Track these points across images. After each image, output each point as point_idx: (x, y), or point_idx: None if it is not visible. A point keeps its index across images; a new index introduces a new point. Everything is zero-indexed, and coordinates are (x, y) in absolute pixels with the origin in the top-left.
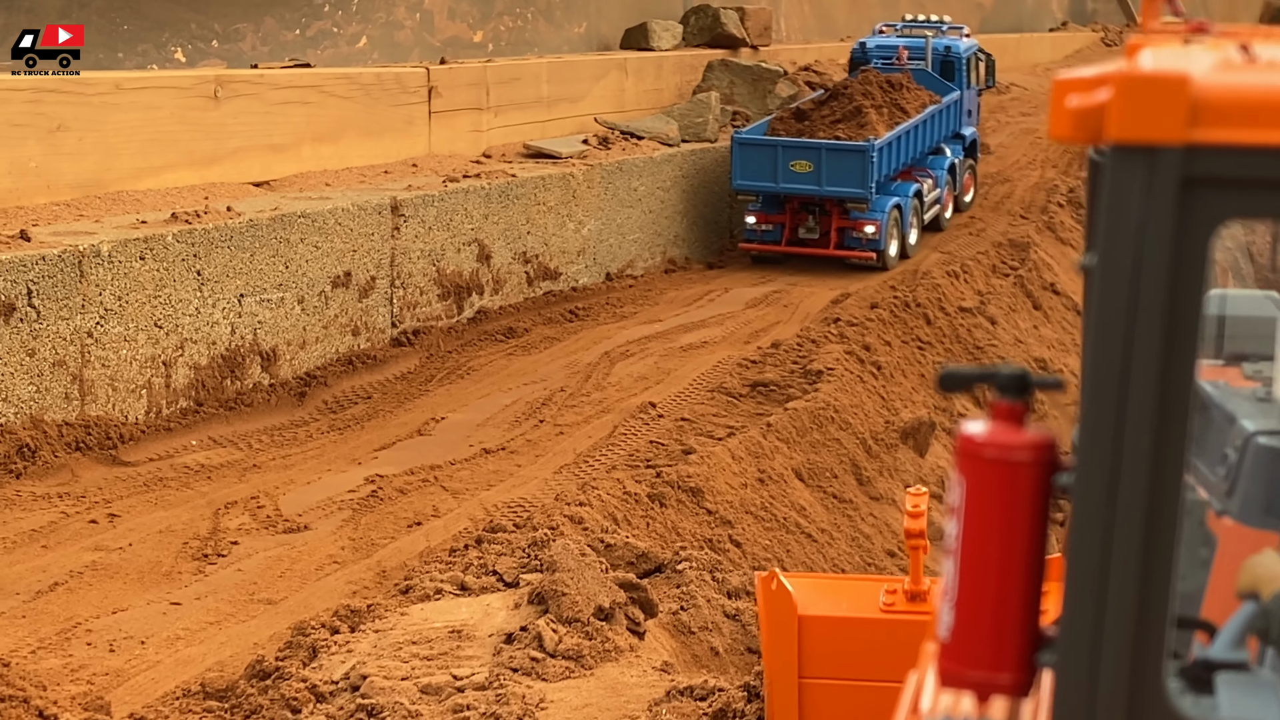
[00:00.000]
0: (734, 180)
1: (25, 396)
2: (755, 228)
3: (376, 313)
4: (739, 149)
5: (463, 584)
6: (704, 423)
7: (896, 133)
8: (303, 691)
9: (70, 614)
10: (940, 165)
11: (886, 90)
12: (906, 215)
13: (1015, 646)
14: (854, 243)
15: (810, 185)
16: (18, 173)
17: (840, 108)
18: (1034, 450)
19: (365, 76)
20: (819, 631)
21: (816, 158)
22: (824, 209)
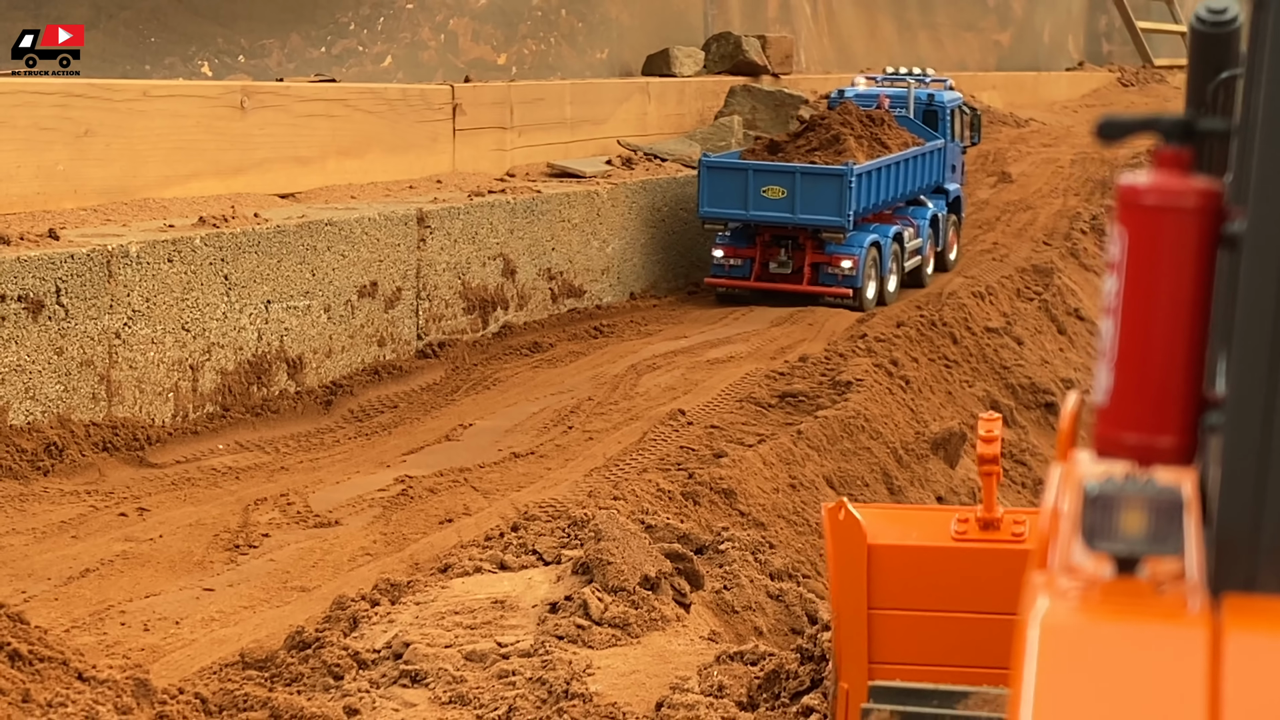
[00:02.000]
0: (700, 207)
1: (53, 395)
2: (723, 261)
3: (402, 324)
4: (706, 173)
5: (502, 563)
6: (734, 430)
7: (877, 163)
8: (344, 658)
9: (103, 597)
10: (922, 215)
11: (866, 124)
12: (886, 257)
13: (1179, 408)
14: (829, 279)
15: (783, 213)
16: (45, 176)
17: (817, 137)
18: (1201, 198)
19: (390, 92)
20: (889, 561)
21: (790, 183)
22: (797, 242)
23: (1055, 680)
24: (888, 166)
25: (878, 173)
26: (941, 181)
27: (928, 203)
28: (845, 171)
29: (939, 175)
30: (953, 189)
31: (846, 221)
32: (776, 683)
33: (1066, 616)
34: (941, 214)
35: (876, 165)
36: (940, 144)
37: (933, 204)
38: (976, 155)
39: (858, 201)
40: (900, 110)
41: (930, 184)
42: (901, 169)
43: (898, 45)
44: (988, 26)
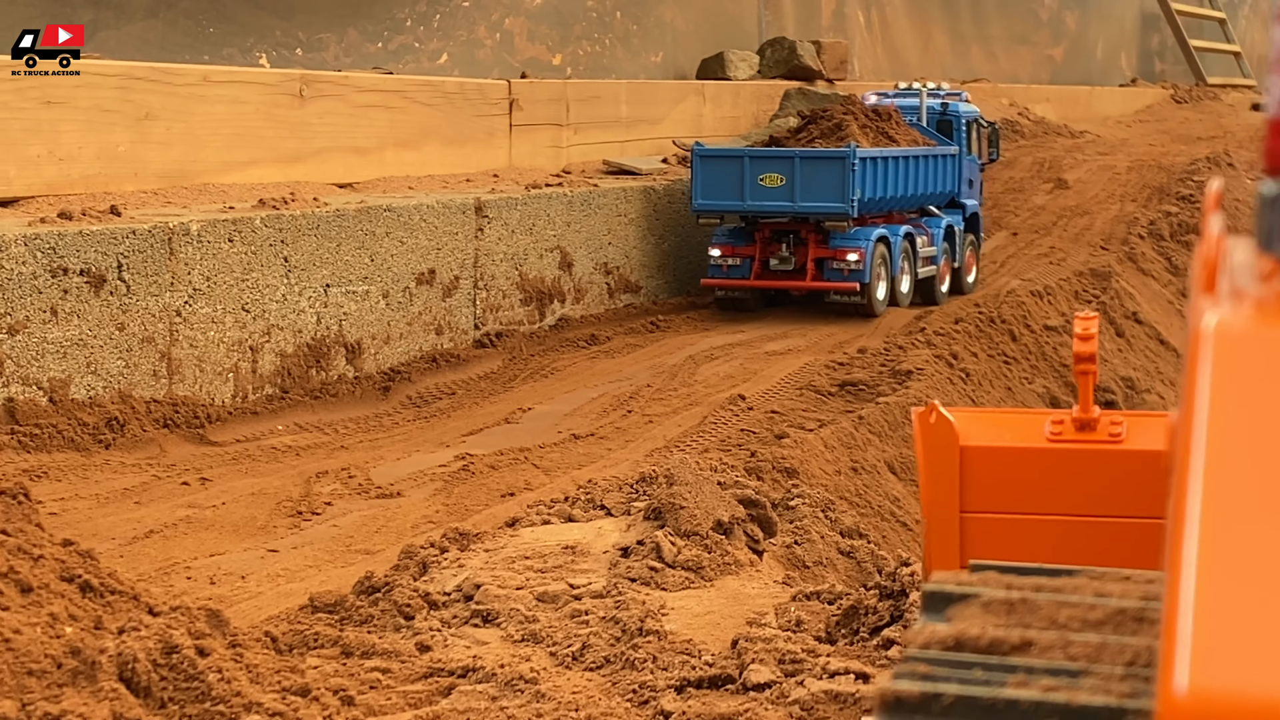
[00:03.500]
0: (694, 200)
1: (114, 371)
2: (720, 261)
3: (460, 313)
4: (700, 163)
5: (570, 516)
6: (794, 416)
7: (883, 152)
8: (415, 599)
9: (167, 555)
10: (936, 225)
11: (872, 118)
12: (896, 255)
13: None
14: (835, 275)
15: (782, 201)
16: (106, 158)
17: (818, 128)
18: None
19: (448, 85)
20: (982, 463)
21: (789, 169)
22: (799, 237)
23: (1230, 389)
24: (895, 159)
25: (884, 163)
26: (957, 195)
27: (941, 214)
28: (848, 154)
29: (953, 186)
30: (970, 204)
31: (850, 208)
32: (855, 618)
33: (1241, 323)
34: (957, 228)
35: (882, 154)
36: (954, 150)
37: (948, 217)
38: (1032, 163)
39: (862, 188)
40: (912, 119)
41: (943, 193)
42: (911, 167)
43: (951, 56)
44: (1041, 41)
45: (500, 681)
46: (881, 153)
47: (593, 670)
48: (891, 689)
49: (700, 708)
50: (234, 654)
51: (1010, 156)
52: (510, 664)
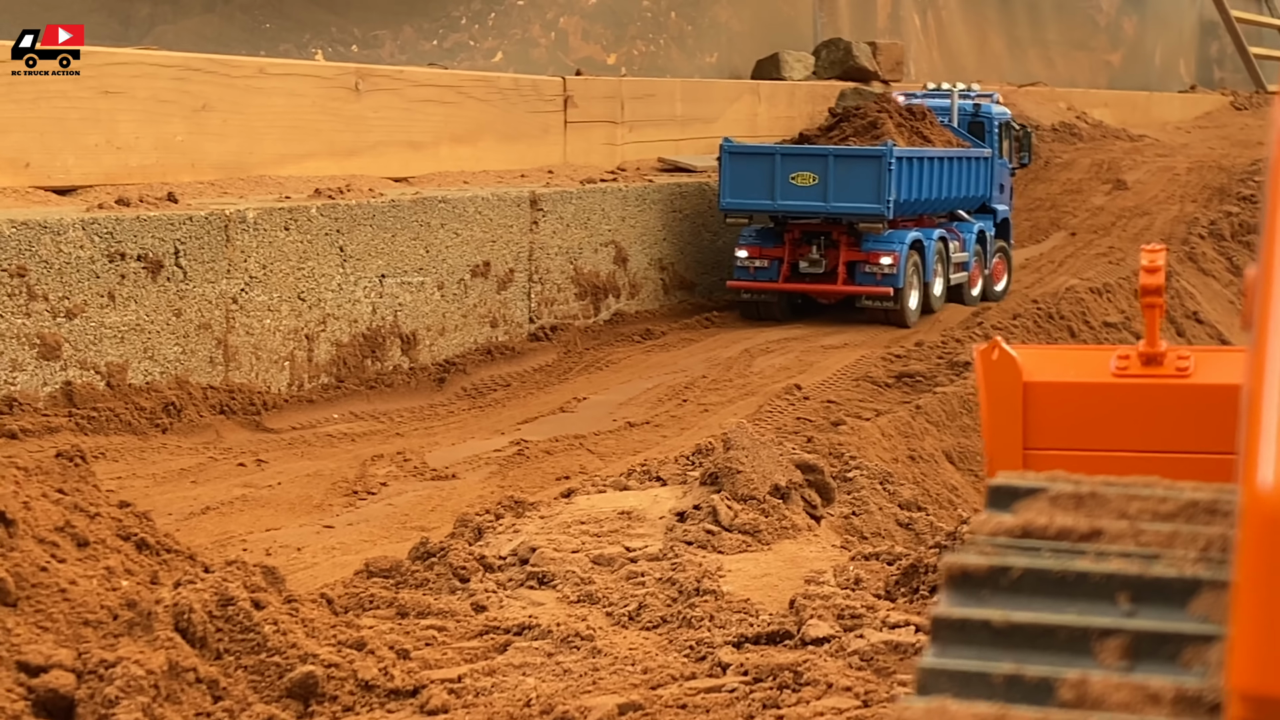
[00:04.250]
0: (721, 198)
1: (171, 357)
2: (747, 263)
3: (514, 306)
4: (729, 160)
5: (625, 486)
6: (851, 405)
7: (920, 152)
8: (470, 562)
9: (224, 530)
10: (968, 230)
11: (907, 117)
12: (929, 259)
13: None
14: (867, 279)
15: (814, 201)
16: (163, 148)
17: (851, 126)
18: None
19: (503, 81)
20: (1046, 399)
21: (822, 168)
22: (831, 239)
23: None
24: (930, 160)
25: (920, 164)
26: (988, 199)
27: (971, 219)
28: (884, 152)
29: (985, 190)
30: (1001, 210)
31: (886, 209)
32: (915, 577)
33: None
34: (989, 233)
35: (919, 154)
36: (986, 153)
37: (979, 222)
38: (1090, 164)
39: (898, 189)
40: (943, 120)
41: (975, 196)
42: (945, 169)
43: (1008, 60)
44: (1099, 46)
45: (556, 639)
46: (918, 153)
47: (649, 629)
48: (958, 563)
49: (759, 659)
50: (289, 609)
51: (1068, 158)
52: (566, 623)
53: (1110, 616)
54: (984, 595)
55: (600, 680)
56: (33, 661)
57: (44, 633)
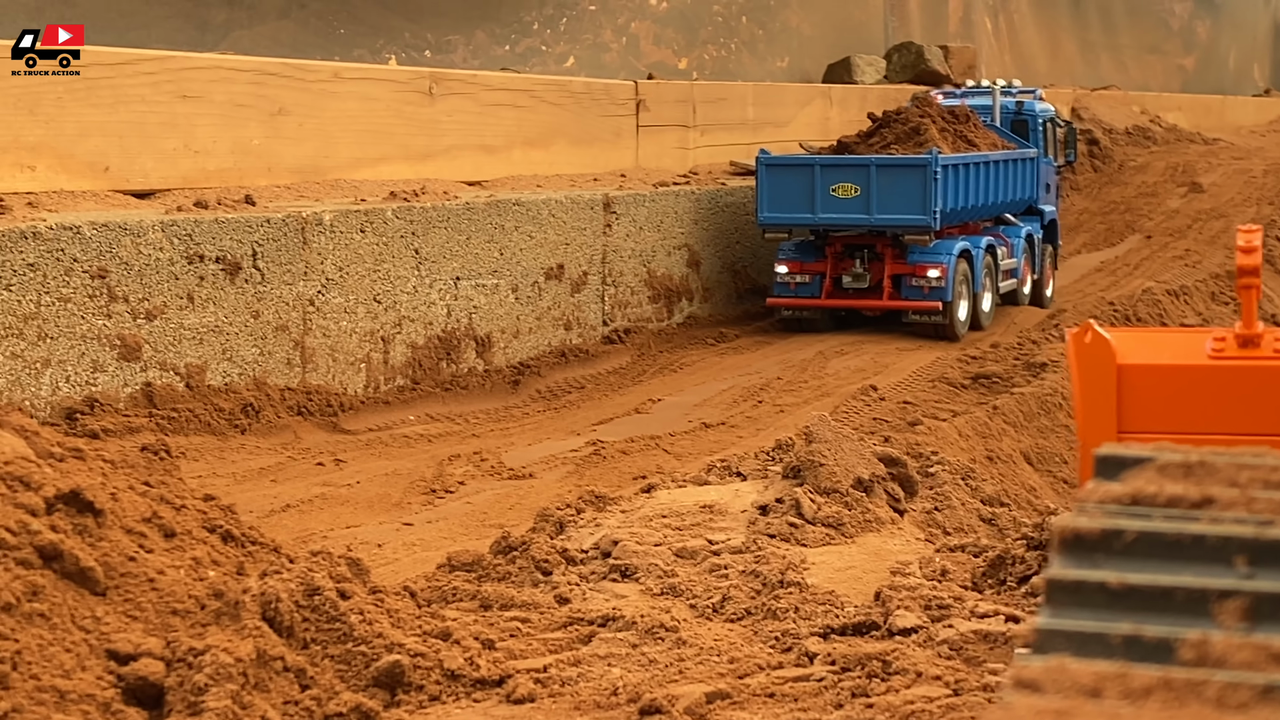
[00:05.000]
0: (759, 213)
1: (249, 358)
2: (787, 279)
3: (588, 309)
4: (766, 173)
5: (705, 481)
6: (927, 406)
7: (965, 158)
8: (553, 555)
9: (304, 527)
10: (1015, 234)
11: (950, 120)
12: (978, 270)
13: None
14: (914, 293)
15: (857, 214)
16: (240, 152)
17: (893, 132)
18: None
19: (575, 85)
20: (1140, 382)
21: (865, 179)
22: (874, 251)
23: None
24: (976, 165)
25: (965, 170)
26: (1034, 200)
27: (1019, 223)
28: (929, 161)
29: (1031, 191)
30: (1047, 211)
31: (932, 220)
32: (1002, 568)
33: None
34: (1037, 236)
35: (965, 160)
36: (1033, 153)
37: (1026, 225)
38: (1165, 167)
39: (944, 199)
40: (985, 118)
41: (1022, 199)
42: (991, 173)
43: (1080, 64)
44: (1172, 50)
45: (641, 630)
46: (964, 159)
47: (734, 621)
48: (1070, 526)
49: (846, 649)
50: (374, 599)
51: (1142, 161)
52: (650, 614)
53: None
54: (1097, 559)
55: (686, 670)
56: (122, 650)
57: (133, 621)
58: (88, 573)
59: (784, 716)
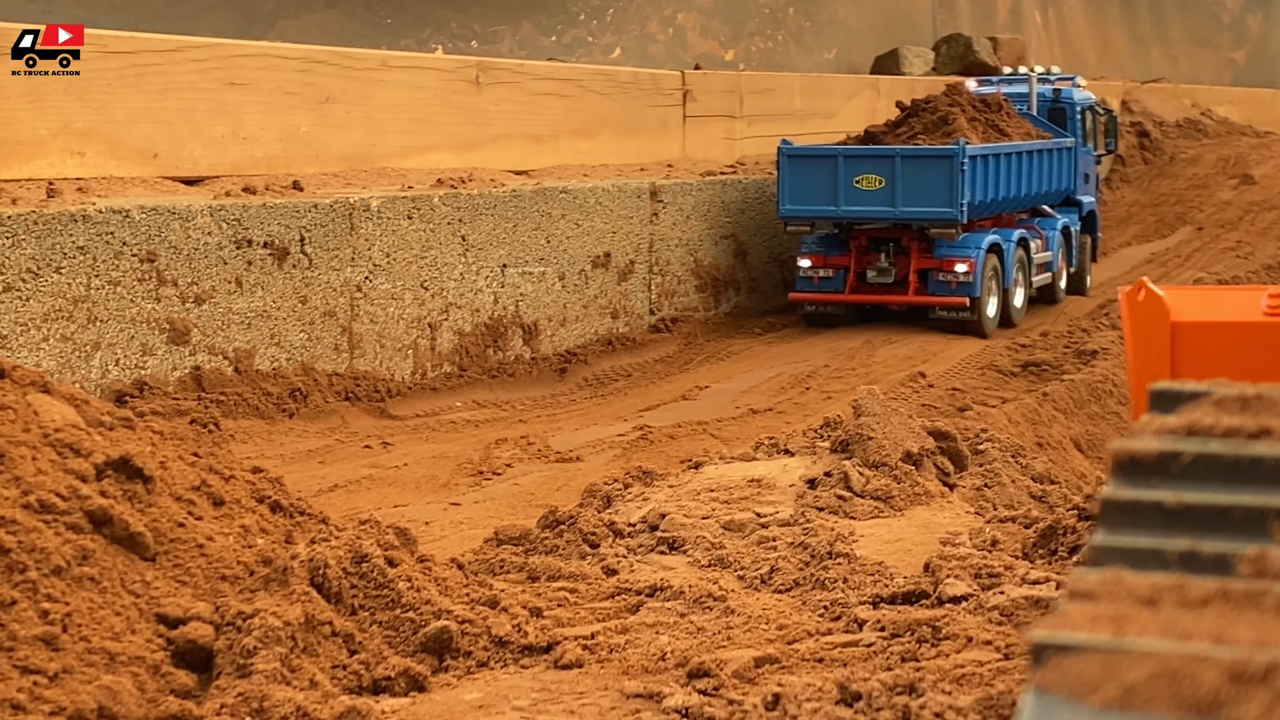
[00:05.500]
0: (780, 205)
1: (297, 343)
2: (810, 273)
3: (635, 297)
4: (787, 163)
5: (753, 458)
6: (976, 393)
7: (994, 148)
8: (600, 529)
9: (352, 506)
10: (1051, 226)
11: (981, 109)
12: (1009, 265)
13: None
14: (941, 288)
15: (881, 207)
16: (288, 140)
17: (920, 122)
18: None
19: (622, 75)
20: (1194, 338)
21: (889, 170)
22: (900, 245)
23: None
24: (1007, 156)
25: (995, 161)
26: (1071, 191)
27: (1056, 214)
28: (956, 152)
29: (1068, 182)
30: (1086, 201)
31: (959, 213)
32: (1053, 538)
33: None
34: (1074, 227)
35: (994, 150)
36: (1070, 143)
37: (1063, 216)
38: (1216, 159)
39: (972, 191)
40: (1021, 107)
41: (1058, 190)
42: (1024, 163)
43: (1130, 57)
44: (1223, 44)
45: (689, 599)
46: (993, 149)
47: (782, 592)
48: (1125, 449)
49: (895, 616)
50: (423, 568)
51: (1194, 154)
52: (698, 585)
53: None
54: (1153, 481)
55: (734, 637)
56: (171, 614)
57: (182, 586)
58: (137, 538)
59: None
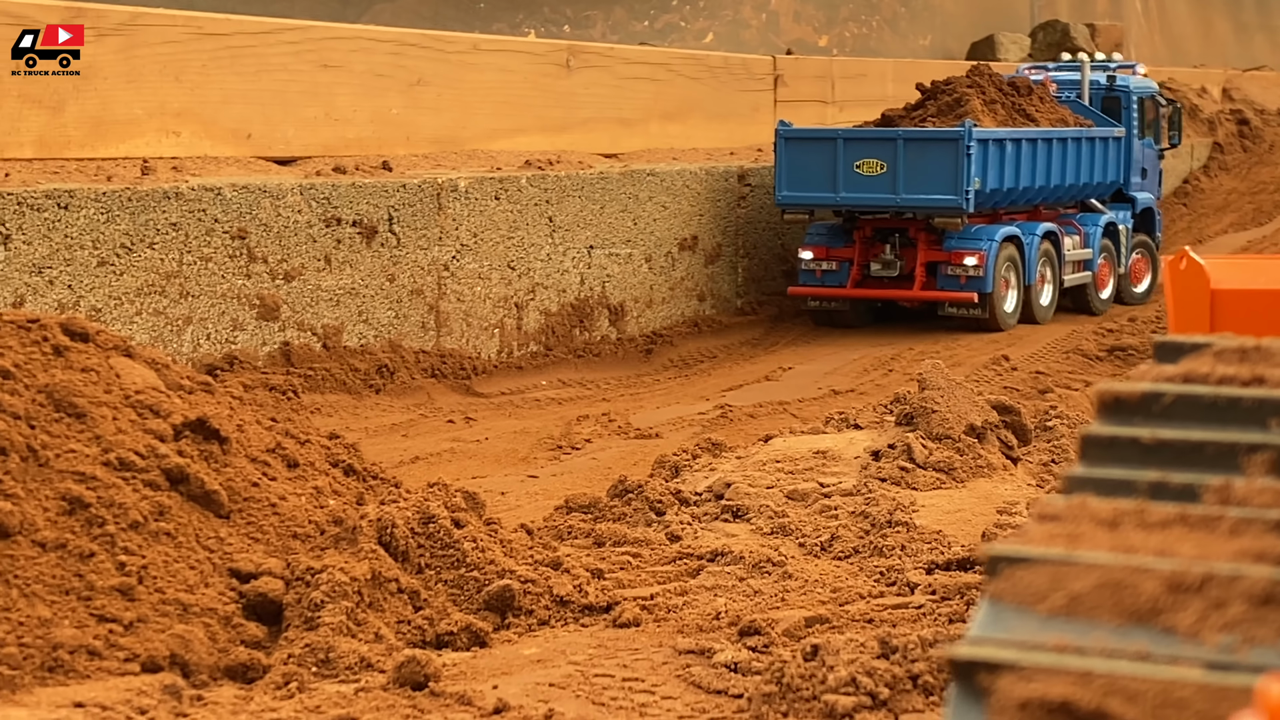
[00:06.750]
0: (778, 191)
1: (384, 321)
2: (812, 266)
3: (722, 280)
4: (785, 146)
5: (822, 431)
6: (1059, 376)
7: (1010, 133)
8: (667, 497)
9: (431, 477)
10: (1093, 222)
11: (1006, 91)
12: (1031, 259)
13: None
14: (950, 283)
15: (882, 193)
16: (379, 122)
17: (936, 105)
18: None
19: (713, 60)
20: (1235, 307)
21: (891, 154)
22: (907, 236)
23: None
24: (1030, 142)
25: (1014, 146)
26: (1122, 185)
27: (1103, 209)
28: (961, 134)
29: (1117, 174)
30: (1141, 198)
31: (964, 201)
32: None
33: None
34: (1124, 225)
35: (1010, 135)
36: (1118, 133)
37: (1112, 212)
38: None
39: (982, 177)
40: (1070, 94)
41: (1103, 184)
42: (1053, 151)
43: (1233, 45)
44: None
45: (748, 564)
46: (1007, 134)
47: (840, 559)
48: (1110, 390)
49: (947, 580)
50: (489, 530)
51: None
52: (759, 551)
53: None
54: (1136, 420)
55: (789, 599)
56: (244, 569)
57: (254, 543)
58: (212, 496)
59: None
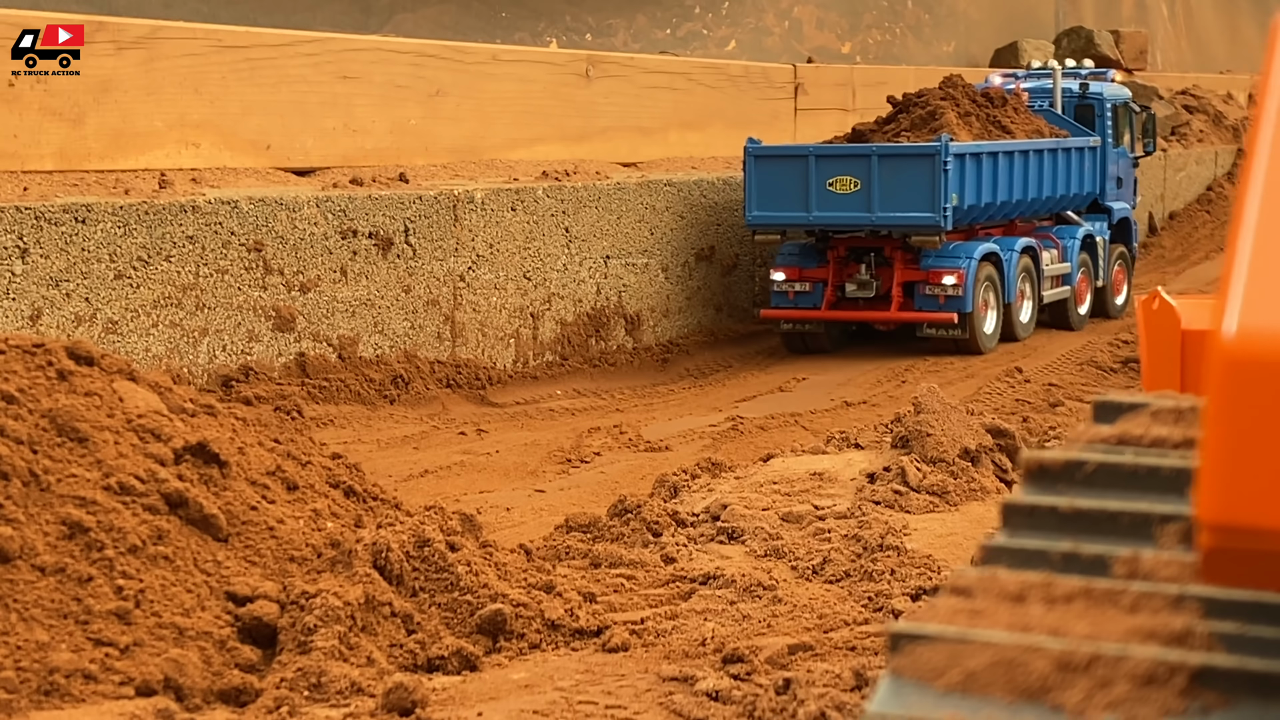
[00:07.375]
0: (747, 211)
1: (400, 331)
2: (784, 287)
3: (738, 291)
4: (755, 164)
5: (822, 452)
6: (1072, 389)
7: (986, 146)
8: (664, 518)
9: (439, 491)
10: (1071, 235)
11: (980, 104)
12: (1010, 276)
13: None
14: (928, 303)
15: (856, 212)
16: (398, 132)
17: (909, 119)
18: None
19: (733, 68)
20: (1203, 348)
21: (865, 171)
22: (883, 255)
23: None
24: (1006, 155)
25: (990, 160)
26: (1098, 196)
27: (1080, 221)
28: (937, 149)
29: (1093, 185)
30: (1117, 209)
31: (941, 219)
32: None
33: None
34: (1101, 237)
35: (986, 149)
36: (1092, 143)
37: (1088, 224)
38: None
39: (960, 194)
40: (1042, 103)
41: (1079, 195)
42: (1031, 164)
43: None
44: None
45: (740, 588)
46: (985, 147)
47: (831, 583)
48: (1035, 457)
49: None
50: (484, 553)
51: None
52: (751, 574)
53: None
54: (1059, 487)
55: (776, 625)
56: (240, 592)
57: (252, 566)
58: (211, 519)
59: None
